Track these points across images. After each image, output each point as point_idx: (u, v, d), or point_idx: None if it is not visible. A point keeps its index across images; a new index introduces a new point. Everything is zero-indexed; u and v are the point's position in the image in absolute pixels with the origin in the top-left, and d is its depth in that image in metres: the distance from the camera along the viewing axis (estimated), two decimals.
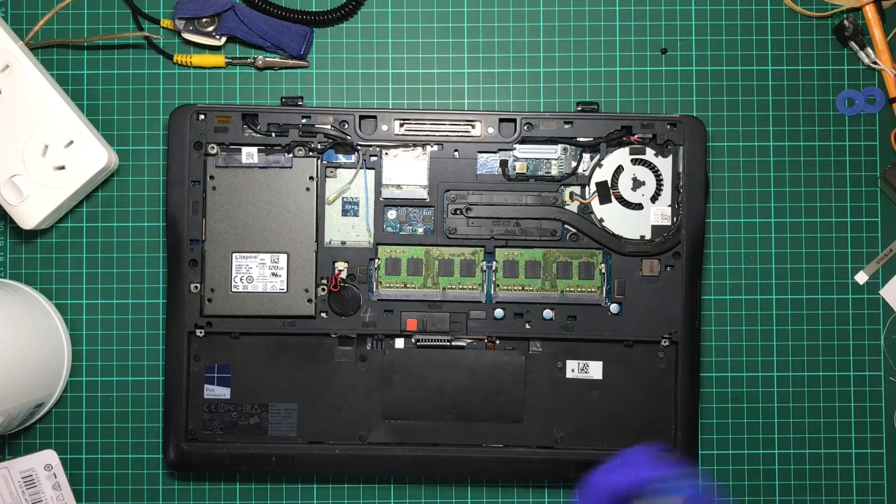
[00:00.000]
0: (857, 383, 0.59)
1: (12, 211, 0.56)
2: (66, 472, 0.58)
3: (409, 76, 0.60)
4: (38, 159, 0.56)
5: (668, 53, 0.60)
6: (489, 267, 0.57)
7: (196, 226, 0.57)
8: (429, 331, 0.57)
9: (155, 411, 0.59)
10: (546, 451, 0.57)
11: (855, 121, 0.60)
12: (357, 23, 0.60)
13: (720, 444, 0.59)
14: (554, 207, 0.57)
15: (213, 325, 0.57)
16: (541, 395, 0.57)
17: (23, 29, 0.59)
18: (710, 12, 0.60)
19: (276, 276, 0.56)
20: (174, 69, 0.60)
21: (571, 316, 0.57)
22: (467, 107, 0.60)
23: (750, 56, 0.60)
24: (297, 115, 0.57)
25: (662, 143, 0.57)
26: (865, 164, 0.59)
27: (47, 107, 0.56)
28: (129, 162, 0.59)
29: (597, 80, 0.60)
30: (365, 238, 0.57)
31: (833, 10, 0.59)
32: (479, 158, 0.57)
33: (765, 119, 0.59)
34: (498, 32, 0.60)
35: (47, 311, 0.58)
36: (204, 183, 0.57)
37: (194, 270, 0.56)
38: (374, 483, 0.59)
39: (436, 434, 0.57)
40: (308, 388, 0.57)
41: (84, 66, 0.60)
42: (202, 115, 0.57)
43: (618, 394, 0.57)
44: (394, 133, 0.57)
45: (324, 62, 0.60)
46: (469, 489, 0.59)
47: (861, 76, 0.60)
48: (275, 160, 0.57)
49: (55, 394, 0.58)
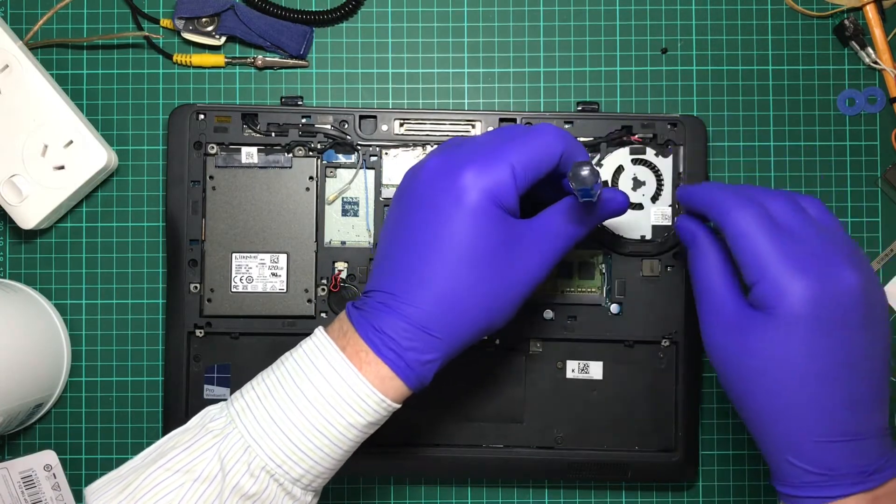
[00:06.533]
0: None
1: (12, 211, 0.56)
2: (66, 473, 0.58)
3: (409, 76, 0.60)
4: (37, 159, 0.56)
5: (668, 53, 0.60)
6: None
7: (196, 226, 0.57)
8: None
9: (155, 411, 0.59)
10: (546, 452, 0.57)
11: (855, 121, 0.60)
12: (357, 23, 0.60)
13: (720, 444, 0.59)
14: None
15: (213, 325, 0.57)
16: (541, 395, 0.57)
17: (22, 29, 0.59)
18: (710, 12, 0.60)
19: (276, 276, 0.56)
20: (174, 69, 0.60)
21: (571, 316, 0.57)
22: (467, 107, 0.60)
23: (750, 56, 0.60)
24: (296, 115, 0.57)
25: (663, 143, 0.57)
26: (866, 164, 0.59)
27: (47, 107, 0.56)
28: (128, 162, 0.59)
29: (597, 80, 0.60)
30: (365, 238, 0.57)
31: (833, 10, 0.59)
32: None
33: (765, 119, 0.59)
34: (498, 32, 0.60)
35: (47, 311, 0.58)
36: (204, 183, 0.57)
37: (194, 270, 0.56)
38: (373, 483, 0.59)
39: (436, 434, 0.57)
40: None
41: (84, 65, 0.60)
42: (202, 114, 0.57)
43: (618, 394, 0.57)
44: (394, 133, 0.57)
45: (324, 62, 0.60)
46: (469, 489, 0.59)
47: (862, 76, 0.60)
48: (275, 160, 0.57)
49: (55, 394, 0.58)
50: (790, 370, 0.42)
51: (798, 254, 0.42)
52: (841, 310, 0.42)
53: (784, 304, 0.42)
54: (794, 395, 0.42)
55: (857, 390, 0.42)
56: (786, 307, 0.42)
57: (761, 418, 0.44)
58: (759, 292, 0.43)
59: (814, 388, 0.42)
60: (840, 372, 0.42)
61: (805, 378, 0.42)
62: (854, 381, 0.42)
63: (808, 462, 0.42)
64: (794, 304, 0.42)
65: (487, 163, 0.43)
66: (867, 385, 0.42)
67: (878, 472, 0.42)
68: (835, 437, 0.42)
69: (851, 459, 0.42)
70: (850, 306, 0.42)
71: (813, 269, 0.42)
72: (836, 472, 0.42)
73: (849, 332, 0.42)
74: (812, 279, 0.42)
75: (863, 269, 0.43)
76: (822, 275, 0.42)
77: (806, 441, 0.42)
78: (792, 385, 0.42)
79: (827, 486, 0.42)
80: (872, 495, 0.42)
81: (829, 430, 0.42)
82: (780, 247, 0.43)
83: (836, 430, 0.42)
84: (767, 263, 0.42)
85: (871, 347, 0.42)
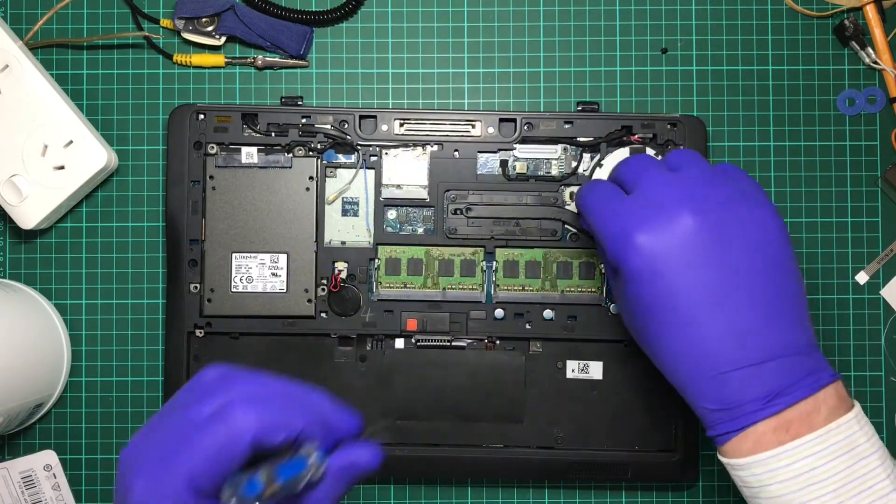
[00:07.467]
0: (858, 383, 0.59)
1: (12, 211, 0.56)
2: (66, 473, 0.58)
3: (409, 76, 0.60)
4: (37, 159, 0.56)
5: (668, 53, 0.60)
6: (489, 267, 0.57)
7: (196, 226, 0.57)
8: (429, 331, 0.57)
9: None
10: (546, 452, 0.57)
11: (855, 121, 0.60)
12: (357, 23, 0.60)
13: None
14: (554, 207, 0.57)
15: (213, 325, 0.57)
16: (541, 395, 0.57)
17: (22, 29, 0.59)
18: (710, 12, 0.60)
19: (276, 276, 0.56)
20: (174, 69, 0.60)
21: (572, 316, 0.57)
22: (467, 107, 0.60)
23: (750, 56, 0.60)
24: (296, 115, 0.57)
25: (663, 143, 0.57)
26: (866, 164, 0.59)
27: (47, 107, 0.56)
28: (128, 162, 0.59)
29: (597, 80, 0.60)
30: (365, 238, 0.57)
31: (833, 10, 0.59)
32: (479, 158, 0.57)
33: (765, 119, 0.59)
34: (498, 32, 0.60)
35: (47, 311, 0.58)
36: (204, 183, 0.57)
37: (194, 270, 0.56)
38: (374, 483, 0.59)
39: (436, 434, 0.57)
40: None
41: (84, 66, 0.60)
42: (202, 114, 0.57)
43: (618, 394, 0.57)
44: (394, 133, 0.57)
45: (324, 62, 0.60)
46: (469, 489, 0.59)
47: (862, 76, 0.60)
48: (275, 160, 0.57)
49: (55, 394, 0.58)
50: (658, 317, 0.43)
51: (627, 212, 0.43)
52: (680, 252, 0.42)
53: (623, 267, 0.43)
54: (671, 338, 0.43)
55: (734, 319, 0.42)
56: (625, 268, 0.43)
57: (665, 370, 0.44)
58: (607, 261, 0.45)
59: (684, 328, 0.42)
60: (709, 308, 0.42)
61: (673, 322, 0.42)
62: (727, 312, 0.42)
63: (709, 400, 0.42)
64: (629, 264, 0.43)
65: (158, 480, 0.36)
66: (747, 311, 0.42)
67: (783, 395, 0.41)
68: (724, 369, 0.42)
69: (749, 387, 0.41)
70: (691, 245, 0.42)
71: (640, 222, 0.43)
72: (738, 403, 0.42)
73: (700, 268, 0.42)
74: (641, 233, 0.42)
75: (705, 203, 0.42)
76: (650, 226, 0.42)
77: (700, 379, 0.42)
78: (666, 330, 0.43)
79: (732, 419, 0.42)
80: (781, 419, 0.41)
81: (716, 364, 0.42)
82: (613, 209, 0.44)
83: (722, 362, 0.42)
84: (601, 232, 0.44)
85: (742, 273, 0.42)
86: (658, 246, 0.42)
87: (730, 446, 0.42)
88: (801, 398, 0.41)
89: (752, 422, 0.41)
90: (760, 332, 0.42)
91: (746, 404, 0.41)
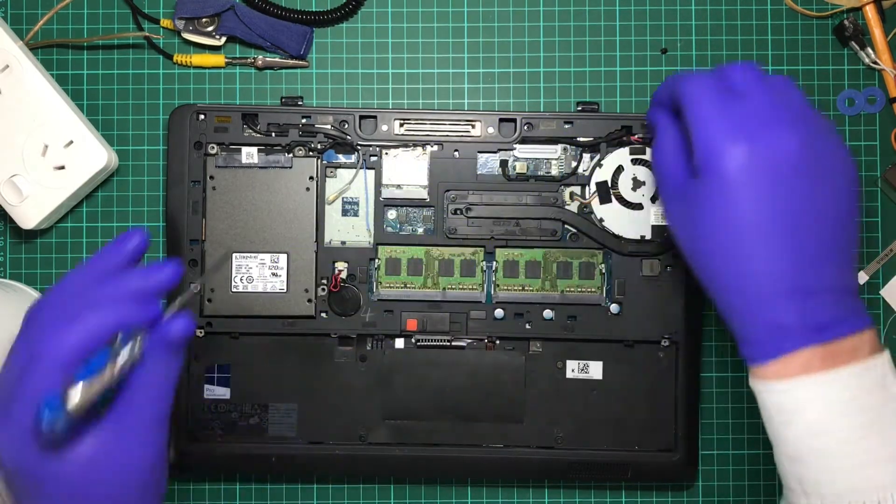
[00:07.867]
0: None
1: (12, 211, 0.56)
2: None
3: (409, 76, 0.60)
4: (37, 159, 0.56)
5: (668, 53, 0.60)
6: (489, 267, 0.57)
7: (196, 226, 0.57)
8: (429, 331, 0.57)
9: None
10: (546, 452, 0.57)
11: (855, 121, 0.60)
12: (357, 23, 0.60)
13: (720, 444, 0.59)
14: (554, 207, 0.57)
15: (213, 325, 0.57)
16: (541, 395, 0.57)
17: (23, 29, 0.59)
18: (710, 12, 0.60)
19: (276, 276, 0.56)
20: (174, 69, 0.60)
21: (571, 316, 0.57)
22: (467, 107, 0.60)
23: (750, 56, 0.60)
24: (297, 115, 0.57)
25: None
26: (866, 164, 0.59)
27: (47, 107, 0.56)
28: (128, 162, 0.59)
29: (597, 80, 0.60)
30: (365, 238, 0.57)
31: (833, 10, 0.59)
32: (479, 158, 0.57)
33: None
34: (498, 32, 0.60)
35: None
36: (204, 183, 0.57)
37: (194, 270, 0.56)
38: (374, 483, 0.59)
39: (436, 434, 0.57)
40: (308, 388, 0.57)
41: (84, 66, 0.60)
42: (202, 114, 0.57)
43: (618, 394, 0.57)
44: (394, 133, 0.57)
45: (324, 62, 0.60)
46: (469, 489, 0.59)
47: (861, 76, 0.60)
48: (275, 160, 0.57)
49: None
50: (730, 231, 0.43)
51: (738, 116, 0.43)
52: (776, 169, 0.42)
53: (715, 168, 0.43)
54: (737, 255, 0.43)
55: (803, 246, 0.42)
56: (717, 170, 0.43)
57: (716, 286, 0.44)
58: (697, 158, 0.44)
59: (755, 246, 0.42)
60: (783, 229, 0.42)
61: (746, 238, 0.42)
62: (799, 237, 0.42)
63: (760, 319, 0.43)
64: (724, 167, 0.42)
65: None
66: (816, 241, 0.42)
67: (832, 326, 0.42)
68: (783, 293, 0.42)
69: (803, 314, 0.42)
70: (787, 166, 0.42)
71: (748, 130, 0.42)
72: (788, 327, 0.42)
73: (787, 190, 0.42)
74: (745, 141, 0.42)
75: (808, 129, 0.43)
76: (757, 136, 0.42)
77: (756, 299, 0.43)
78: (734, 246, 0.43)
79: (779, 340, 0.42)
80: (827, 350, 0.42)
81: (777, 286, 0.42)
82: (721, 110, 0.43)
83: (783, 286, 0.42)
84: (705, 128, 0.43)
85: (819, 203, 0.43)
86: (762, 158, 0.42)
87: (773, 367, 0.43)
88: (849, 333, 0.42)
89: (797, 346, 0.42)
90: (820, 264, 0.43)
91: (797, 329, 0.42)
